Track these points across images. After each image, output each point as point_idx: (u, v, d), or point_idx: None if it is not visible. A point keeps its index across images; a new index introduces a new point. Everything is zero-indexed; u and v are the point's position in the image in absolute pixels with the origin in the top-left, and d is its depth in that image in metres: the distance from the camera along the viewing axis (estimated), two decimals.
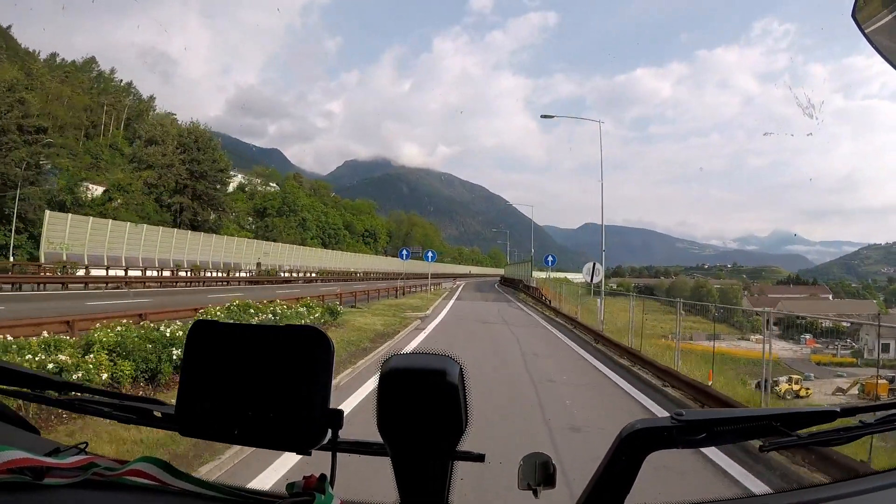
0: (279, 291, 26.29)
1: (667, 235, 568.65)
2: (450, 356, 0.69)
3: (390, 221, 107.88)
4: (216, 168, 40.80)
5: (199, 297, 18.99)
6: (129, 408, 0.85)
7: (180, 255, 35.15)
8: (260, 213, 52.83)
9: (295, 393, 0.65)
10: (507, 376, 8.10)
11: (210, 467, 3.72)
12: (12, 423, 0.91)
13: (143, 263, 32.16)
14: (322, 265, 52.93)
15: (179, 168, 38.29)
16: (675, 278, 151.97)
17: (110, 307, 13.62)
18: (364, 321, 13.75)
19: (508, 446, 3.72)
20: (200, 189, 39.95)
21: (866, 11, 0.98)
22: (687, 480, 4.00)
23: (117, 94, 62.42)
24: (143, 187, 36.55)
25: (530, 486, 0.81)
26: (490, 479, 3.22)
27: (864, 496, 0.77)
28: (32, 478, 0.66)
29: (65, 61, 62.27)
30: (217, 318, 7.74)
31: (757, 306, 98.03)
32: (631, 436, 0.69)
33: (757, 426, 0.73)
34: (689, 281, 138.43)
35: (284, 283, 37.54)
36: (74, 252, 28.94)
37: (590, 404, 6.82)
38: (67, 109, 44.69)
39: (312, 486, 0.68)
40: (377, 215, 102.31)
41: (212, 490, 0.72)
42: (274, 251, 46.47)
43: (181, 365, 0.71)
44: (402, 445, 0.68)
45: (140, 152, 38.22)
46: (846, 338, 58.30)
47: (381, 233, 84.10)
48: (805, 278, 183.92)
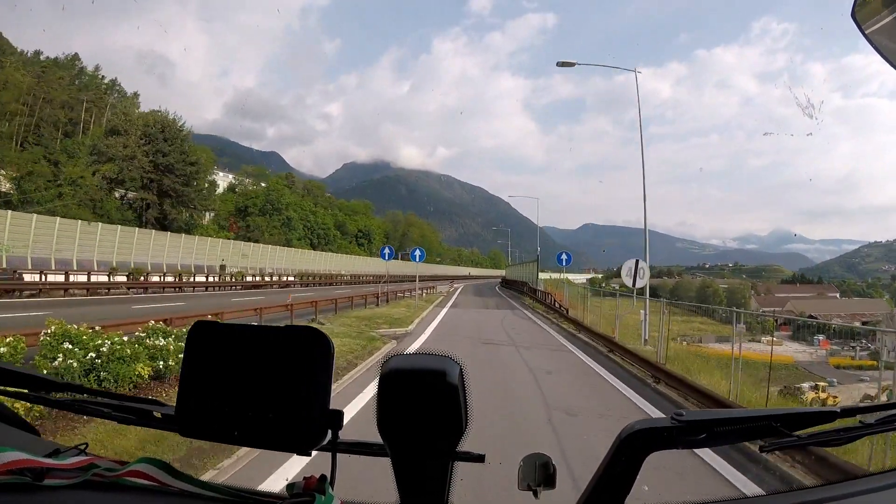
0: (235, 300, 22.23)
1: (667, 235, 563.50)
2: (450, 356, 0.68)
3: (386, 222, 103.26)
4: (185, 161, 36.45)
5: (93, 309, 13.78)
6: (128, 408, 0.84)
7: (143, 258, 31.31)
8: (241, 213, 48.75)
9: (295, 393, 0.65)
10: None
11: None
12: (12, 424, 0.90)
13: (98, 267, 28.49)
14: (308, 267, 48.91)
15: (142, 160, 34.10)
16: (679, 278, 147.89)
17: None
18: None
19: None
20: (168, 184, 35.72)
21: (866, 11, 0.97)
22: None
23: (99, 92, 59.34)
24: (101, 182, 32.52)
25: (530, 487, 0.83)
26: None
27: (862, 497, 0.75)
28: (32, 479, 0.66)
29: (48, 58, 59.25)
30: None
31: (764, 306, 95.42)
32: (631, 436, 0.68)
33: (757, 427, 0.71)
34: (694, 281, 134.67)
35: (253, 288, 33.12)
36: (16, 255, 25.52)
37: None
38: (45, 105, 41.38)
39: (312, 487, 0.67)
40: (373, 216, 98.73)
41: (212, 491, 0.71)
42: (254, 252, 42.42)
43: (181, 365, 0.70)
44: (402, 446, 0.68)
45: (100, 143, 34.13)
46: (861, 338, 55.06)
47: (376, 233, 79.77)
48: (810, 277, 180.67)
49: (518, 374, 8.58)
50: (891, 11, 0.94)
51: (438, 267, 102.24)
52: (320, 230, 59.81)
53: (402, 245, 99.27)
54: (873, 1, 0.96)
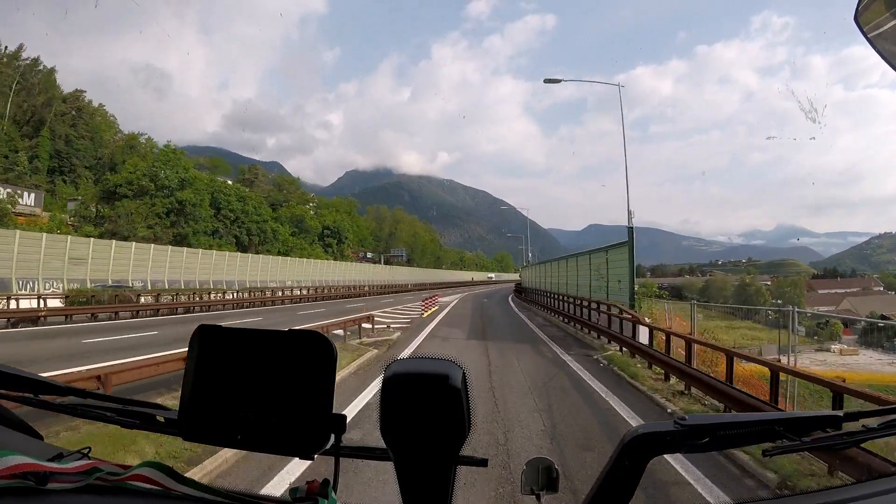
0: None
1: (672, 234, 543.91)
2: (452, 360, 0.66)
3: (369, 219, 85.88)
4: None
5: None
6: (131, 413, 0.81)
7: None
8: (107, 198, 32.17)
9: (298, 397, 0.63)
10: None
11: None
12: (15, 428, 0.88)
13: None
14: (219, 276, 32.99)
15: None
16: (710, 276, 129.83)
17: None
18: None
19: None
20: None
21: (869, 16, 0.95)
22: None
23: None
24: None
25: (533, 491, 0.82)
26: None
27: (866, 501, 0.71)
28: (35, 483, 0.64)
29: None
30: None
31: (811, 304, 78.85)
32: (634, 440, 0.66)
33: (760, 431, 0.70)
34: (730, 278, 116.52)
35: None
36: None
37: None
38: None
39: (315, 491, 0.65)
40: (358, 215, 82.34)
41: (215, 495, 0.69)
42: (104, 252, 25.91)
43: (184, 369, 0.68)
44: (405, 450, 0.66)
45: None
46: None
47: (349, 232, 62.70)
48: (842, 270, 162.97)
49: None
50: (893, 15, 0.91)
51: (435, 273, 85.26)
52: (251, 224, 42.20)
53: (388, 245, 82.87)
54: (876, 5, 0.93)
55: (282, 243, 45.84)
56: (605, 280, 15.82)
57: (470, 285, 78.55)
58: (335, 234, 58.41)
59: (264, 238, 43.23)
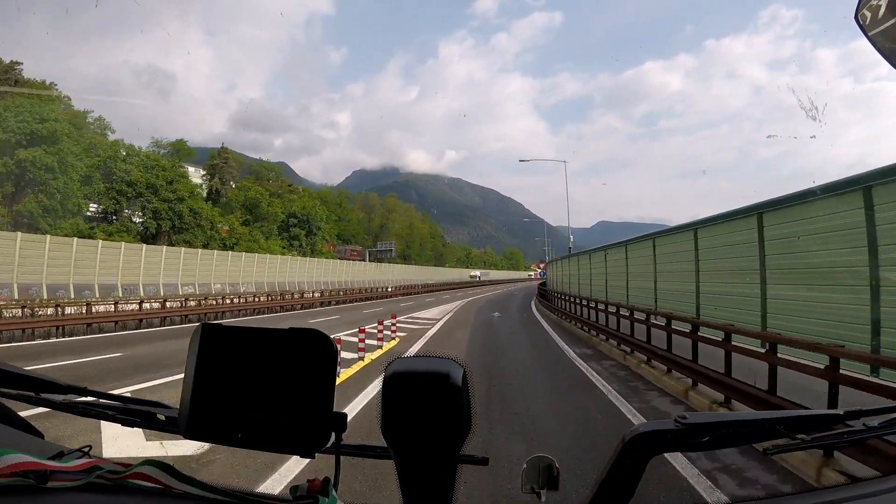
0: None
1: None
2: (453, 359, 0.66)
3: (357, 209, 73.62)
4: None
5: None
6: (132, 411, 0.81)
7: None
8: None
9: (298, 396, 0.62)
10: None
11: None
12: (16, 426, 0.87)
13: None
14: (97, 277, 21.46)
15: None
16: None
17: None
18: None
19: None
20: None
21: (869, 15, 0.95)
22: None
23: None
24: None
25: (534, 490, 0.81)
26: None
27: (866, 500, 0.70)
28: (36, 481, 0.63)
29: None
30: None
31: None
32: (634, 439, 0.65)
33: (761, 429, 0.69)
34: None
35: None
36: None
37: None
38: None
39: (316, 490, 0.64)
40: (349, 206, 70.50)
41: (216, 493, 0.68)
42: None
43: (185, 368, 0.67)
44: (406, 448, 0.65)
45: None
46: None
47: (324, 222, 50.38)
48: None
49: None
50: (892, 14, 0.90)
51: (431, 270, 73.11)
52: (160, 204, 29.85)
53: (377, 238, 70.70)
54: (876, 5, 0.93)
55: (216, 232, 34.20)
56: None
57: (475, 286, 66.50)
58: (304, 223, 46.54)
59: (182, 224, 31.25)
